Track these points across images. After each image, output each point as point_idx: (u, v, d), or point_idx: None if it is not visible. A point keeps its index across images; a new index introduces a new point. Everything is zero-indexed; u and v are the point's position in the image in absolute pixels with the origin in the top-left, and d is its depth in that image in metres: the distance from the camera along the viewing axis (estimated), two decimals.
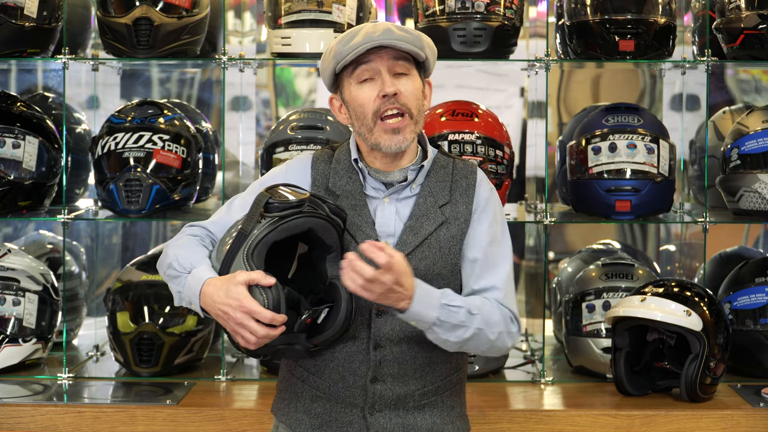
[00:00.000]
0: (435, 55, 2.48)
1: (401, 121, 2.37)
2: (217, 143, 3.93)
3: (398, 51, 2.37)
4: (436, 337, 2.33)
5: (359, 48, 2.35)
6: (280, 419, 2.51)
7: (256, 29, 4.20)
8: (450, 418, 2.47)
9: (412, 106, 2.39)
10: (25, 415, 3.15)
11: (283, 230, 2.27)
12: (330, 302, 2.33)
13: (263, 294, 2.21)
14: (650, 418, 3.11)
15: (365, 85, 2.39)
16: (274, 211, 2.27)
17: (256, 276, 2.22)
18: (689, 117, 4.00)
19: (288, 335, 2.29)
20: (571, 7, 3.47)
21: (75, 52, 3.68)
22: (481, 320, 2.33)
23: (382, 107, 2.37)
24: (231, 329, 2.25)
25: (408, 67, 2.40)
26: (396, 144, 2.38)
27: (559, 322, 3.81)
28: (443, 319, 2.29)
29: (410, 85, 2.40)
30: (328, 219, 2.32)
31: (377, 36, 2.35)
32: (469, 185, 2.46)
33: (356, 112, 2.41)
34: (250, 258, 2.25)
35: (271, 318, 2.20)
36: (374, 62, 2.37)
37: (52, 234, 4.12)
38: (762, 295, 3.45)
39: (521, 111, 4.61)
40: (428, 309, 2.28)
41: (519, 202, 4.13)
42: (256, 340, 2.22)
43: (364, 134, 2.41)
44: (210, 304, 2.26)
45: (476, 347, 2.37)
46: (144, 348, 3.43)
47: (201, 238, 2.44)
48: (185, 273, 2.33)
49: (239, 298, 2.21)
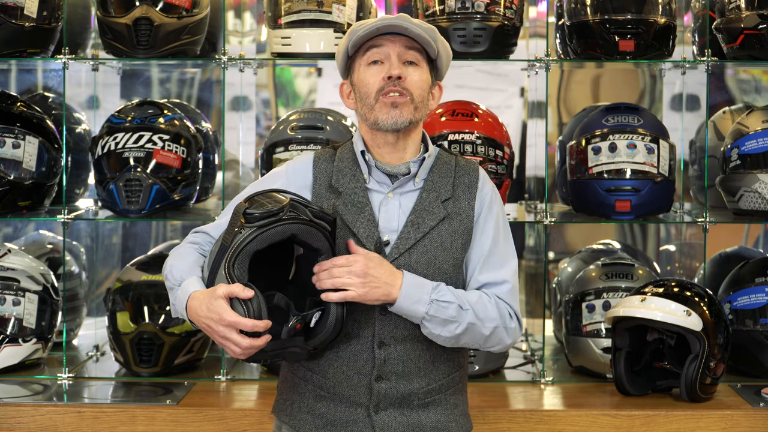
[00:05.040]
0: (449, 58, 2.52)
1: (401, 97, 2.40)
2: (217, 143, 3.93)
3: (411, 41, 2.42)
4: (428, 332, 2.36)
5: (373, 27, 2.40)
6: (283, 420, 2.51)
7: (256, 29, 4.20)
8: (454, 416, 2.48)
9: (415, 93, 2.42)
10: (25, 415, 3.15)
11: (264, 239, 2.27)
12: (323, 305, 2.34)
13: (243, 306, 2.23)
14: (650, 418, 3.12)
15: (373, 67, 2.43)
16: (252, 222, 2.28)
17: (235, 289, 2.23)
18: (689, 117, 4.00)
19: (281, 341, 2.29)
20: (571, 7, 3.47)
21: (75, 52, 3.68)
22: (473, 315, 2.36)
23: (386, 87, 2.40)
24: (217, 341, 2.29)
25: (418, 58, 2.44)
26: (393, 118, 2.40)
27: (559, 322, 3.81)
28: (432, 314, 2.33)
29: (417, 74, 2.43)
30: (311, 224, 2.31)
31: (392, 19, 2.41)
32: (471, 182, 2.48)
33: (361, 93, 2.45)
34: (231, 269, 2.26)
35: (252, 326, 2.22)
36: (386, 46, 2.42)
37: (52, 234, 4.12)
38: (762, 295, 3.45)
39: (521, 111, 4.61)
40: (416, 304, 2.32)
41: (519, 202, 4.13)
42: (241, 351, 2.25)
43: (366, 114, 2.44)
44: (195, 317, 2.30)
45: (471, 342, 2.40)
46: (144, 348, 3.43)
47: (200, 245, 2.46)
48: (176, 286, 2.37)
49: (219, 312, 2.23)
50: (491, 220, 2.47)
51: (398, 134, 2.44)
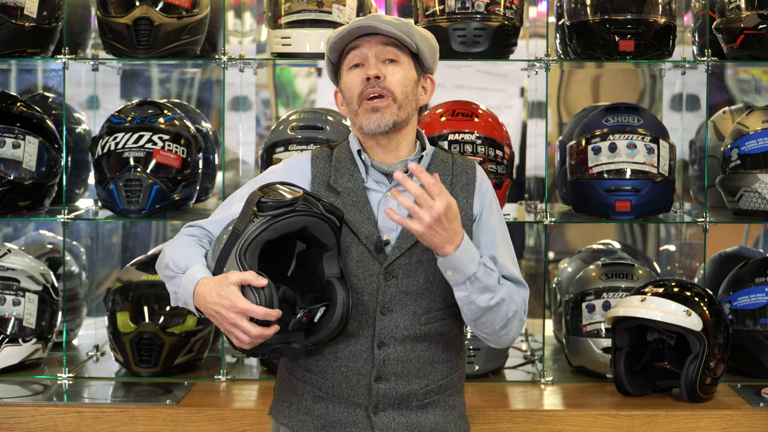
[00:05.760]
0: (433, 50, 2.50)
1: (381, 101, 2.40)
2: (217, 143, 3.93)
3: (386, 37, 2.41)
4: (464, 296, 2.32)
5: (344, 31, 2.41)
6: (281, 422, 2.50)
7: (256, 29, 4.20)
8: (452, 417, 2.48)
9: (396, 91, 2.41)
10: (25, 415, 3.15)
11: (277, 229, 2.26)
12: (327, 301, 2.33)
13: (255, 294, 2.21)
14: (650, 418, 3.11)
15: (354, 71, 2.44)
16: (266, 210, 2.26)
17: (248, 276, 2.21)
18: (689, 117, 4.00)
19: (284, 335, 2.28)
20: (571, 7, 3.47)
21: (75, 52, 3.68)
22: (506, 291, 2.36)
23: (365, 90, 2.40)
24: (224, 329, 2.25)
25: (398, 54, 2.43)
26: (374, 123, 2.40)
27: (559, 322, 3.81)
28: (479, 276, 2.30)
29: (398, 72, 2.42)
30: (323, 217, 2.31)
31: (363, 20, 2.40)
32: (469, 180, 2.48)
33: (346, 98, 2.46)
34: (243, 257, 2.24)
35: (264, 314, 2.19)
36: (363, 47, 2.42)
37: (52, 234, 4.12)
38: (762, 295, 3.45)
39: (521, 111, 4.61)
40: (470, 262, 2.29)
41: (519, 202, 4.13)
42: (249, 340, 2.22)
43: (353, 119, 2.45)
44: (203, 304, 2.26)
45: (491, 321, 2.37)
46: (144, 348, 3.43)
47: (198, 238, 2.44)
48: (180, 273, 2.33)
49: (231, 299, 2.20)
50: (495, 217, 2.48)
51: (389, 135, 2.44)
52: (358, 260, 2.40)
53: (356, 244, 2.40)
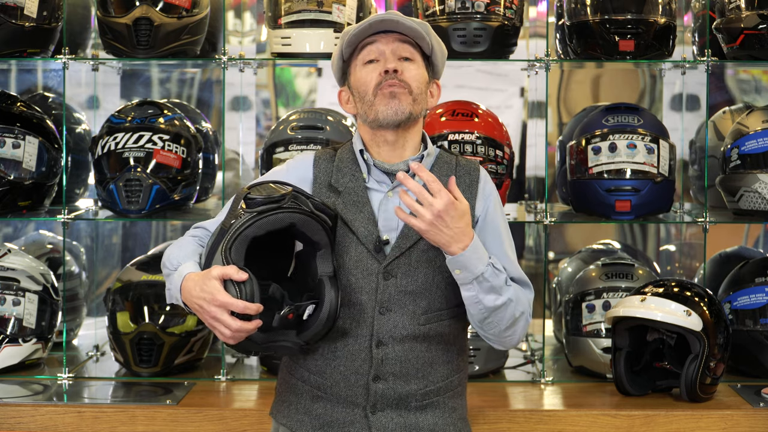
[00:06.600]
0: (444, 55, 2.52)
1: (399, 87, 2.40)
2: (217, 143, 3.93)
3: (404, 37, 2.42)
4: (471, 296, 2.34)
5: (365, 24, 2.41)
6: (280, 421, 2.50)
7: (256, 29, 4.20)
8: (452, 420, 2.47)
9: (413, 85, 2.42)
10: (25, 415, 3.15)
11: (263, 225, 2.27)
12: (318, 300, 2.34)
13: (236, 288, 2.22)
14: (650, 418, 3.11)
15: (369, 66, 2.44)
16: (253, 207, 2.27)
17: (229, 271, 2.23)
18: (689, 117, 4.00)
19: (274, 332, 2.29)
20: (571, 7, 3.47)
21: (75, 52, 3.68)
22: (513, 292, 2.38)
23: (384, 81, 2.41)
24: (207, 323, 2.27)
25: (413, 53, 2.45)
26: (392, 109, 2.40)
27: (559, 322, 3.81)
28: (487, 276, 2.31)
29: (414, 69, 2.44)
30: (311, 215, 2.31)
31: (384, 15, 2.42)
32: (473, 181, 2.49)
33: (359, 92, 2.45)
34: (228, 253, 2.25)
35: (244, 307, 2.21)
36: (379, 43, 2.43)
37: (52, 234, 4.12)
38: (762, 295, 3.45)
39: (521, 111, 4.61)
40: (478, 262, 2.31)
41: (519, 202, 4.13)
42: (231, 334, 2.24)
43: (366, 112, 2.43)
44: (188, 298, 2.29)
45: (497, 321, 2.38)
46: (144, 348, 3.43)
47: (200, 239, 2.46)
48: (173, 271, 2.36)
49: (212, 292, 2.22)
50: (499, 219, 2.48)
51: (398, 131, 2.43)
52: (356, 259, 2.40)
53: (355, 244, 2.40)
